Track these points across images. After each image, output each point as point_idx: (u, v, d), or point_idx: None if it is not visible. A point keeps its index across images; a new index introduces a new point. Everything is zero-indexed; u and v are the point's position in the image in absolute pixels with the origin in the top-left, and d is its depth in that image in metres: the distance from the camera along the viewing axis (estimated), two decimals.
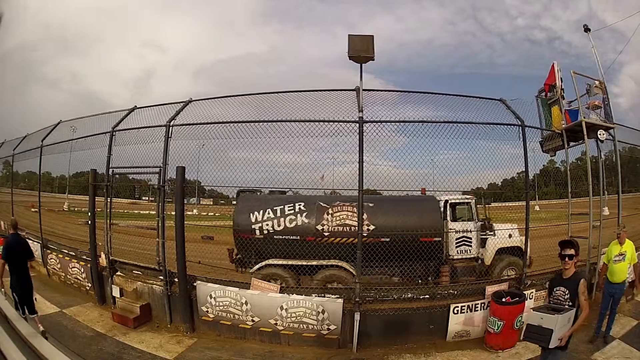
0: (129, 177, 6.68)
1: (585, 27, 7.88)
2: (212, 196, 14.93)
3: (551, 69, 6.68)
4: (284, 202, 5.74)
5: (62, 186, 15.30)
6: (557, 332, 2.93)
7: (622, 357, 4.60)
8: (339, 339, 5.00)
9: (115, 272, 6.36)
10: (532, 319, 3.18)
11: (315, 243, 5.45)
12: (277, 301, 5.03)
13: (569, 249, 3.18)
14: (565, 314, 3.00)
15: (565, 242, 3.31)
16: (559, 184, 7.77)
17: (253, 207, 5.88)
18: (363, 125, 5.10)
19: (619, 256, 5.13)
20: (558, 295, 3.20)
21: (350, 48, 5.06)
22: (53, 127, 8.23)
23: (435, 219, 6.19)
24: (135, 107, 6.60)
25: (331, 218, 5.34)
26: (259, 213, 5.74)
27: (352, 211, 5.47)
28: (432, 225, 6.02)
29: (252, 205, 5.98)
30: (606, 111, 6.89)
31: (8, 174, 11.62)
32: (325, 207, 5.55)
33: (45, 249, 8.08)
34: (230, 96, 5.74)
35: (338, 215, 5.42)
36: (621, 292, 5.11)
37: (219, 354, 4.88)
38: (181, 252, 5.45)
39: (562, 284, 3.22)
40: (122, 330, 5.46)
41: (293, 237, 5.49)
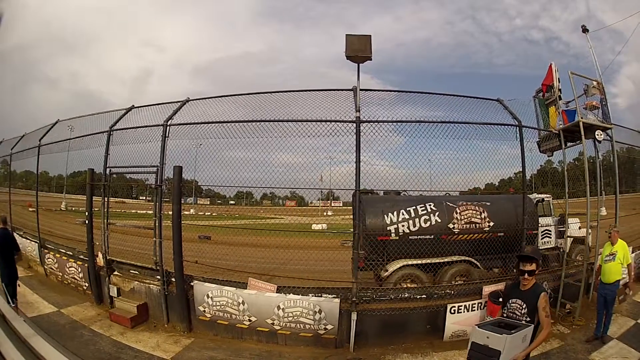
0: (126, 176, 6.66)
1: (584, 27, 7.90)
2: (209, 196, 14.94)
3: (549, 69, 6.68)
4: (414, 202, 5.81)
5: (60, 185, 15.29)
6: (507, 353, 2.47)
7: (620, 356, 4.61)
8: (336, 338, 5.00)
9: (112, 272, 6.36)
10: (477, 336, 2.67)
11: (447, 241, 5.70)
12: (274, 301, 5.03)
13: (529, 264, 2.85)
14: (517, 334, 2.55)
15: (525, 257, 2.93)
16: (556, 184, 7.78)
17: (386, 209, 5.88)
18: (360, 125, 5.11)
19: (609, 256, 5.16)
20: (514, 308, 2.87)
21: (348, 48, 5.07)
22: (51, 127, 8.21)
23: (534, 215, 6.76)
24: (132, 107, 6.60)
25: (459, 217, 5.60)
26: (394, 214, 5.78)
27: (476, 209, 5.88)
28: (532, 220, 6.47)
29: (384, 206, 5.95)
30: (604, 111, 6.88)
31: (6, 173, 11.60)
32: (453, 207, 5.81)
33: (42, 248, 8.06)
34: (228, 96, 5.73)
35: (465, 213, 5.72)
36: (613, 293, 5.08)
37: (216, 354, 4.88)
38: (178, 252, 5.45)
39: (519, 296, 2.88)
40: (120, 330, 5.45)
41: (427, 236, 5.63)
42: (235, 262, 6.84)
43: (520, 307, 2.82)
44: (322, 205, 21.79)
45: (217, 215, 13.88)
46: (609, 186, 8.03)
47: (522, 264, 2.86)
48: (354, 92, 5.30)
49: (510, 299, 2.93)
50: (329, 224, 15.19)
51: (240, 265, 6.60)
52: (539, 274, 6.20)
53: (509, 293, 3.03)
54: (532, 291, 2.83)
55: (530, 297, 2.80)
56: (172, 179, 5.59)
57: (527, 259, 2.87)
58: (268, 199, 20.41)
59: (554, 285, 6.13)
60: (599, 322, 5.09)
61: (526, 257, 2.89)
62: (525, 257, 2.90)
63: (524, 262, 2.86)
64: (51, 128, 8.19)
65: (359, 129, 5.07)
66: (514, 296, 2.92)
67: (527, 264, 2.84)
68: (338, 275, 5.73)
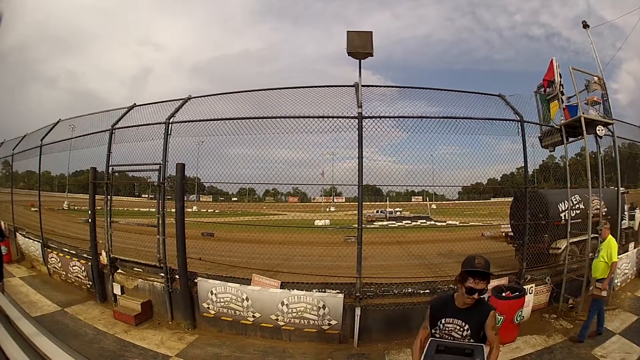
0: (128, 175, 6.67)
1: (584, 23, 7.88)
2: (212, 193, 14.95)
3: (550, 64, 6.68)
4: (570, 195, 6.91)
5: (62, 185, 15.30)
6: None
7: (622, 352, 4.60)
8: (340, 334, 5.01)
9: (116, 270, 6.37)
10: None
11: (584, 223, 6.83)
12: (278, 297, 5.04)
13: (483, 282, 2.19)
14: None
15: (478, 272, 2.19)
16: (558, 179, 7.81)
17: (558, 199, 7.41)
18: (362, 120, 5.11)
19: (597, 252, 5.15)
20: (450, 329, 2.28)
21: (349, 44, 5.07)
22: (52, 126, 8.22)
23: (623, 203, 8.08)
24: (134, 105, 6.61)
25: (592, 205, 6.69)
26: (563, 204, 7.24)
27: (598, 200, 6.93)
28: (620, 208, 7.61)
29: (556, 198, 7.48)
30: (605, 107, 6.90)
31: (8, 173, 11.62)
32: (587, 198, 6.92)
33: (45, 247, 8.07)
34: (229, 93, 5.74)
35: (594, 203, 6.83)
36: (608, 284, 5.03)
37: (220, 350, 4.89)
38: (182, 249, 5.46)
39: (456, 314, 2.29)
40: (124, 328, 5.46)
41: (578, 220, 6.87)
42: (239, 259, 6.83)
43: (460, 328, 2.26)
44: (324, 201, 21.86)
45: (219, 212, 13.91)
46: (610, 181, 8.03)
47: (472, 280, 2.18)
48: (356, 88, 5.31)
49: (443, 317, 2.30)
50: (331, 220, 15.20)
51: (243, 262, 6.60)
52: (542, 269, 6.31)
53: (439, 311, 2.35)
54: (477, 309, 2.27)
55: (474, 315, 2.26)
56: (174, 177, 5.59)
57: (479, 275, 2.19)
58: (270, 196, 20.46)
59: (556, 280, 6.14)
60: (599, 318, 5.06)
61: (479, 273, 2.19)
62: (478, 272, 2.19)
63: (475, 279, 2.18)
64: (53, 127, 8.21)
65: (361, 125, 5.08)
66: (448, 315, 2.30)
67: (480, 281, 2.18)
68: (341, 271, 5.74)
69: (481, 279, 2.19)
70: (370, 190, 5.59)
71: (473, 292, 2.21)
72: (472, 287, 2.20)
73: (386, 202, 25.08)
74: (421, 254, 7.50)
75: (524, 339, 5.03)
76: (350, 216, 11.82)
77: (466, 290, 2.21)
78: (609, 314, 5.81)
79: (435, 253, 7.65)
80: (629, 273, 7.31)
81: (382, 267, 6.98)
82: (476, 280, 2.19)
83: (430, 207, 25.95)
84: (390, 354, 4.78)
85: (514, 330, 5.02)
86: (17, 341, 1.63)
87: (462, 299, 2.27)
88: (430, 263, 7.89)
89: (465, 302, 2.26)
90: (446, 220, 17.91)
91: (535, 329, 5.35)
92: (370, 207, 21.99)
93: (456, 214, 22.05)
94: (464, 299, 2.25)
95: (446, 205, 26.41)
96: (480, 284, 2.19)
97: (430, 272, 7.05)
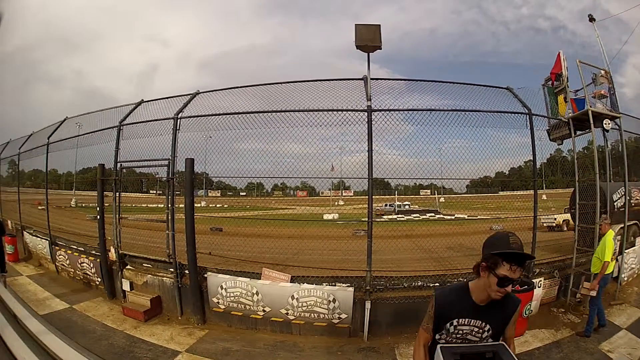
0: (135, 171, 6.68)
1: (590, 16, 7.88)
2: (220, 188, 14.95)
3: (557, 57, 6.67)
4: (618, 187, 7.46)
5: (69, 183, 15.35)
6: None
7: (628, 347, 4.60)
8: (350, 327, 5.01)
9: (125, 266, 6.39)
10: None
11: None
12: (288, 290, 5.04)
13: (519, 268, 1.59)
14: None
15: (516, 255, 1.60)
16: (565, 172, 7.79)
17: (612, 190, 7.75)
18: (372, 114, 5.11)
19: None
20: (465, 332, 1.75)
21: (357, 37, 5.07)
22: (59, 124, 8.25)
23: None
24: (142, 101, 6.62)
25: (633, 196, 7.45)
26: (616, 194, 7.60)
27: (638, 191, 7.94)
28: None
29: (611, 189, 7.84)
30: (612, 101, 6.90)
31: (14, 173, 11.67)
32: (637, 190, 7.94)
33: (53, 245, 8.10)
34: (238, 87, 5.75)
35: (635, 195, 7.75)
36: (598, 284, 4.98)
37: (230, 345, 4.89)
38: (191, 243, 5.46)
39: (475, 313, 1.73)
40: (133, 324, 5.47)
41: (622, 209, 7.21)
42: (249, 253, 6.83)
43: (480, 330, 1.74)
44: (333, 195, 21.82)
45: (228, 207, 13.92)
46: (617, 175, 8.00)
47: (508, 266, 1.58)
48: (365, 81, 5.30)
49: (456, 318, 1.74)
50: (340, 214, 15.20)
51: (253, 256, 6.60)
52: (552, 262, 6.29)
53: (449, 309, 1.76)
54: (501, 303, 1.70)
55: (499, 311, 1.75)
56: (183, 172, 5.61)
57: (517, 260, 1.59)
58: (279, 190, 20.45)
59: (565, 274, 6.12)
60: (589, 316, 5.01)
61: (518, 257, 1.59)
62: (517, 256, 1.59)
63: (512, 265, 1.58)
64: (59, 125, 8.23)
65: (371, 118, 5.07)
66: (464, 314, 1.74)
67: (518, 267, 1.58)
68: (351, 265, 5.74)
69: (518, 265, 1.58)
70: (379, 184, 5.62)
71: (507, 283, 1.59)
72: (508, 277, 1.57)
73: (395, 196, 25.06)
74: (430, 247, 7.49)
75: (532, 333, 5.02)
76: (359, 210, 11.81)
77: (498, 281, 1.59)
78: (616, 309, 5.83)
79: (444, 246, 7.63)
80: (635, 268, 7.27)
81: (392, 260, 6.98)
82: (513, 267, 1.57)
83: (439, 201, 25.90)
84: (400, 348, 4.78)
85: (522, 324, 5.01)
86: (25, 340, 1.61)
87: (486, 293, 1.68)
88: (439, 257, 7.87)
89: (493, 296, 1.65)
90: (454, 214, 17.88)
91: (543, 323, 5.34)
92: (379, 200, 22.00)
93: (464, 207, 22.04)
94: (491, 293, 1.64)
95: (454, 199, 26.37)
96: (517, 271, 1.59)
97: (439, 265, 7.03)
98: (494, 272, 1.61)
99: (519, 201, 6.97)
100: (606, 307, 5.80)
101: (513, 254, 1.59)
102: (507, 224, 6.28)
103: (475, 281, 1.75)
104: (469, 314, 1.75)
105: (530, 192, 6.10)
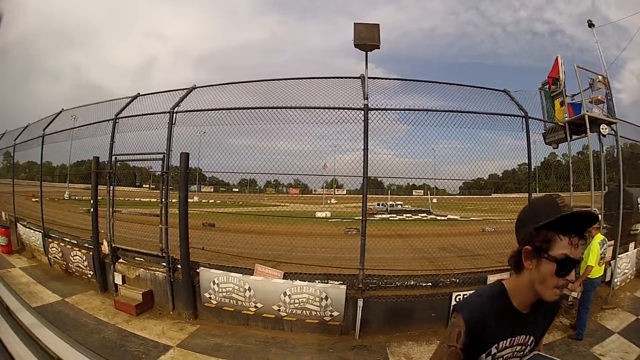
0: (129, 164, 6.66)
1: (590, 22, 7.92)
2: (213, 183, 14.92)
3: (555, 61, 6.71)
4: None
5: (63, 175, 15.30)
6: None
7: (621, 351, 4.63)
8: (342, 325, 5.01)
9: (117, 260, 6.36)
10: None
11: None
12: (280, 287, 5.04)
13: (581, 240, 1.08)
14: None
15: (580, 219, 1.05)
16: (559, 176, 7.83)
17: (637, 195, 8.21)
18: (368, 112, 5.11)
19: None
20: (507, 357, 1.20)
21: (356, 36, 5.08)
22: (55, 116, 8.20)
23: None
24: (138, 95, 6.59)
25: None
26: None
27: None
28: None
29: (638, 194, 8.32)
30: (609, 106, 6.94)
31: (9, 165, 11.59)
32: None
33: (46, 238, 8.06)
34: (234, 83, 5.73)
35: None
36: (583, 290, 5.01)
37: (222, 341, 4.88)
38: (185, 238, 5.44)
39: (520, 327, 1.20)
40: (125, 318, 5.44)
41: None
42: (241, 249, 6.82)
43: (523, 347, 1.23)
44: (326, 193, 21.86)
45: (220, 202, 13.90)
46: (612, 181, 8.05)
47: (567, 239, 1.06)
48: (362, 80, 5.30)
49: (500, 340, 1.17)
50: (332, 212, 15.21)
51: (246, 252, 6.59)
52: None
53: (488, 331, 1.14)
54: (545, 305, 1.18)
55: (544, 315, 1.27)
56: (177, 167, 5.59)
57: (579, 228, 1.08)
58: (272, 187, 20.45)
59: None
60: (579, 318, 5.03)
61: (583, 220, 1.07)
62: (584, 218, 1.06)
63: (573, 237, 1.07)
64: (55, 117, 8.18)
65: (367, 117, 5.08)
66: (507, 332, 1.18)
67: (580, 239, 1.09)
68: (343, 263, 5.75)
69: (580, 237, 1.07)
70: (372, 183, 5.65)
71: (570, 269, 1.06)
72: (569, 257, 1.05)
73: (387, 195, 25.16)
74: (422, 247, 7.53)
75: None
76: (351, 208, 11.83)
77: (557, 267, 1.05)
78: (608, 313, 5.87)
79: (437, 247, 7.67)
80: (628, 273, 7.33)
81: (383, 259, 7.00)
82: (574, 240, 1.06)
83: (431, 201, 26.00)
84: (391, 347, 4.78)
85: None
86: (18, 332, 1.60)
87: (533, 293, 1.13)
88: (431, 256, 7.90)
89: (547, 296, 1.10)
90: (447, 215, 17.94)
91: None
92: (372, 200, 22.03)
93: (457, 208, 22.11)
94: (544, 291, 1.10)
95: (447, 200, 26.46)
96: (579, 247, 1.07)
97: (432, 265, 7.07)
98: (548, 254, 1.06)
99: (512, 204, 7.01)
100: (598, 311, 5.87)
101: (573, 218, 1.03)
102: (500, 225, 6.30)
103: (514, 279, 1.20)
104: (511, 330, 1.17)
105: (523, 194, 6.12)
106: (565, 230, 1.07)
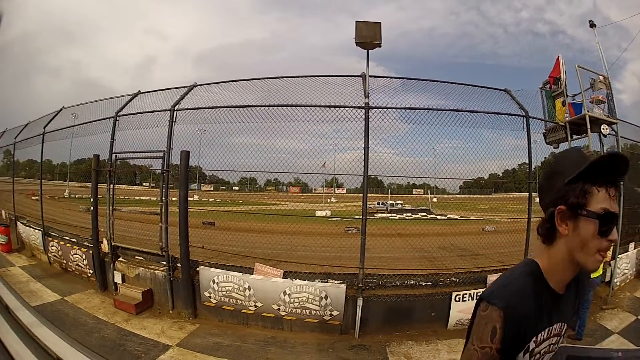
0: (129, 162, 6.65)
1: (591, 22, 7.92)
2: (213, 182, 14.92)
3: (556, 62, 6.71)
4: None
5: (63, 173, 15.29)
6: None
7: None
8: (341, 325, 5.00)
9: (117, 258, 6.34)
10: None
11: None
12: (280, 286, 5.03)
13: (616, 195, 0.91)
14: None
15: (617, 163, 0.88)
16: None
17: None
18: (369, 111, 5.10)
19: None
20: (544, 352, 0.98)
21: (357, 34, 5.06)
22: (56, 114, 8.19)
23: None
24: (139, 92, 6.58)
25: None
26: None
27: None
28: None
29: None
30: (609, 106, 6.93)
31: (9, 163, 11.58)
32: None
33: (46, 236, 8.04)
34: (235, 81, 5.72)
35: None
36: None
37: (221, 340, 4.87)
38: (184, 237, 5.43)
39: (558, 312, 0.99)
40: (124, 317, 5.43)
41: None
42: (240, 248, 6.82)
43: (558, 337, 1.04)
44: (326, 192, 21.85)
45: (220, 201, 13.90)
46: None
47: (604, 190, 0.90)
48: (363, 79, 5.30)
49: (537, 334, 0.94)
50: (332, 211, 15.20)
51: (245, 251, 6.58)
52: None
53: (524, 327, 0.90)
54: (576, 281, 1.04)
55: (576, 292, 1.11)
56: (178, 165, 5.58)
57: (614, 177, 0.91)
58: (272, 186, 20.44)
59: None
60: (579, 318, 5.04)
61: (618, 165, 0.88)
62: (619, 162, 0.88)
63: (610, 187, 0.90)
64: (56, 115, 8.17)
65: (368, 115, 5.06)
66: (544, 324, 0.96)
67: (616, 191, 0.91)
68: (343, 262, 5.74)
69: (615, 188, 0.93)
70: (372, 182, 5.64)
71: (612, 225, 0.90)
72: (610, 211, 0.90)
73: (387, 195, 25.14)
74: (422, 246, 7.51)
75: None
76: (351, 207, 11.84)
77: (600, 224, 0.89)
78: (608, 313, 5.86)
79: (436, 246, 7.66)
80: (628, 273, 7.32)
81: (383, 258, 6.99)
82: (611, 190, 0.91)
83: (431, 201, 25.95)
84: (391, 346, 4.77)
85: None
86: (17, 331, 1.60)
87: (572, 266, 0.96)
88: (431, 256, 7.90)
89: (590, 264, 0.92)
90: (447, 214, 17.93)
91: None
92: (372, 199, 21.99)
93: (457, 208, 22.10)
94: (587, 259, 0.92)
95: (447, 199, 26.43)
96: (616, 199, 0.92)
97: (431, 264, 7.06)
98: (588, 210, 0.89)
99: (512, 203, 7.01)
100: (598, 311, 5.86)
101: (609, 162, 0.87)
102: (500, 225, 6.30)
103: (547, 253, 0.99)
104: (549, 318, 0.98)
105: (523, 194, 6.11)
106: (603, 179, 0.90)
